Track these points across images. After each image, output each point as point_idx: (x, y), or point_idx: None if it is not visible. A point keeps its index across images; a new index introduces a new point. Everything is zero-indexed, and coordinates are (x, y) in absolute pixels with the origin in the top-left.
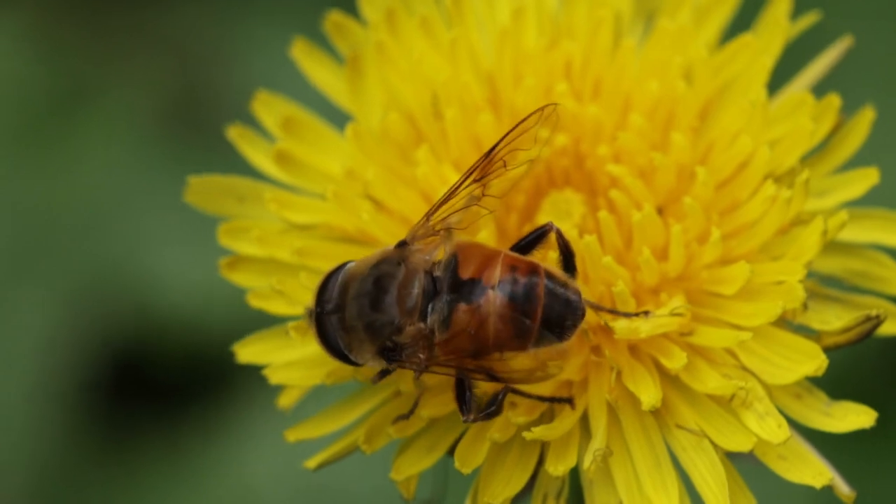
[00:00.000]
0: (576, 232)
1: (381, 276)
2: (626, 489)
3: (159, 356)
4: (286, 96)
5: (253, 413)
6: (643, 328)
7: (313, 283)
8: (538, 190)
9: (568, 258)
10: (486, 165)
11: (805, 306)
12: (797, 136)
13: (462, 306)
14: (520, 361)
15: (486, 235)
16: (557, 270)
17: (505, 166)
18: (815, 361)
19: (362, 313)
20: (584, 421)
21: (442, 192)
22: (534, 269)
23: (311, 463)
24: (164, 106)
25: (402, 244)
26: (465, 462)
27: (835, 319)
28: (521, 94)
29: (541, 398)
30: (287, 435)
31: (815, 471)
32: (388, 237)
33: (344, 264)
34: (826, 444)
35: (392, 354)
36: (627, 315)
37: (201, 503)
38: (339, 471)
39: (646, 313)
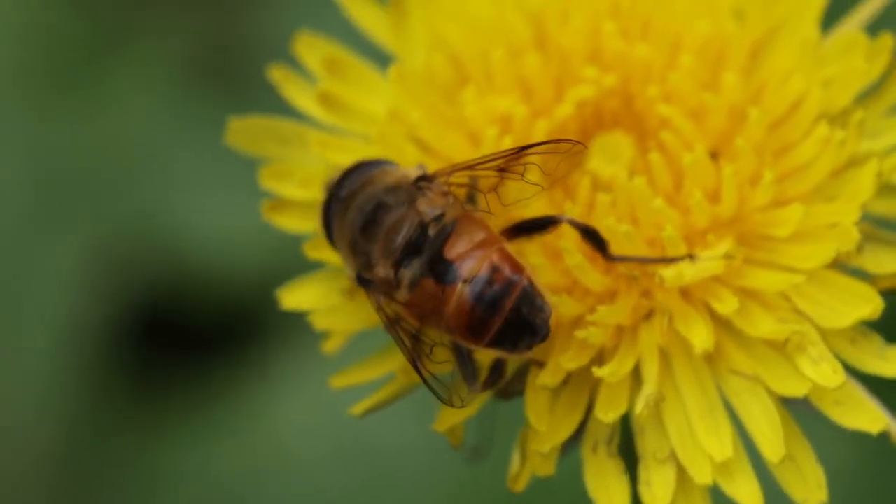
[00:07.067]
0: (625, 174)
1: (383, 206)
2: (678, 435)
3: (190, 305)
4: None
5: (285, 364)
6: (687, 273)
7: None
8: (586, 132)
9: (593, 237)
10: (511, 160)
11: (860, 248)
12: (850, 76)
13: (429, 282)
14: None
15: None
16: (541, 287)
17: (522, 176)
18: (870, 305)
19: (353, 228)
20: (634, 368)
21: (489, 132)
22: (515, 276)
23: (357, 410)
24: (196, 53)
25: (423, 178)
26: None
27: (890, 262)
28: (567, 34)
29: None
30: (332, 382)
31: (871, 416)
32: None
33: (386, 162)
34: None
35: (361, 279)
36: (673, 260)
37: (233, 454)
38: (370, 426)
39: (690, 257)
